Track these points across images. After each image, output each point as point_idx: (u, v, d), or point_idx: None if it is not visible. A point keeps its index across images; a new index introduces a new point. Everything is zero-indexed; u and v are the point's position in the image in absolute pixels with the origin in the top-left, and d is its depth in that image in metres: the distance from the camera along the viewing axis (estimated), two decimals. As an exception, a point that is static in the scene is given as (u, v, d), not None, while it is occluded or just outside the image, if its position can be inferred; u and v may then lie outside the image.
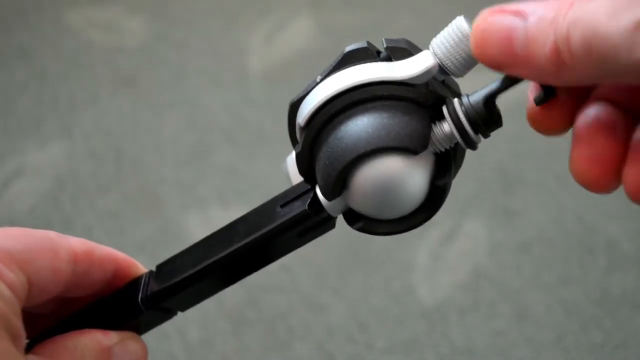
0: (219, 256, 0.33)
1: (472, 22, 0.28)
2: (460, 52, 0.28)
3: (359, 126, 0.29)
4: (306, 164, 0.31)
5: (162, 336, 0.74)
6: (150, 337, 0.36)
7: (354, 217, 0.31)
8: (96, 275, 0.34)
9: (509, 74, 0.27)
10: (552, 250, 0.80)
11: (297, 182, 0.33)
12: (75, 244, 0.33)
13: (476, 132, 0.29)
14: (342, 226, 0.33)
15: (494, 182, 0.86)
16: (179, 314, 0.36)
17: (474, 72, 0.29)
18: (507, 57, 0.26)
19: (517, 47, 0.25)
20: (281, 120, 0.32)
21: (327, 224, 0.32)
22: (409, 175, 0.29)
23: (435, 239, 0.81)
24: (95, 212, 0.85)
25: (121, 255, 0.35)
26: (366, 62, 0.29)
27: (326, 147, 0.29)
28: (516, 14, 0.25)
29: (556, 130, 0.29)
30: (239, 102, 0.96)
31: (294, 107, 0.31)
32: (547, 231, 0.81)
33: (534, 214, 0.83)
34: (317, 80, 0.30)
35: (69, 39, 1.03)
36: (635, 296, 0.76)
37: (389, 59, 0.29)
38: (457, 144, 0.29)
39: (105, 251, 0.34)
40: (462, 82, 0.31)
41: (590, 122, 0.28)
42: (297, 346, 0.74)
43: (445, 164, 0.30)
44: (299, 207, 0.32)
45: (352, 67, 0.29)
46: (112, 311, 0.35)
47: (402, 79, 0.29)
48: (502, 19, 0.26)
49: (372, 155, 0.28)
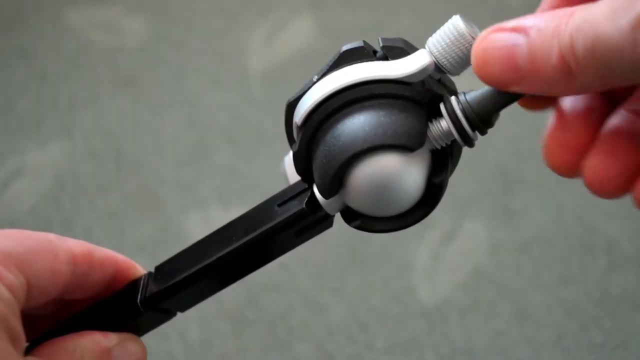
0: (217, 256, 0.33)
1: (469, 21, 0.28)
2: (456, 50, 0.28)
3: (356, 124, 0.29)
4: (303, 163, 0.31)
5: (162, 336, 0.74)
6: (150, 338, 0.36)
7: (351, 215, 0.31)
8: (95, 277, 0.34)
9: (515, 91, 0.26)
10: (552, 250, 0.80)
11: (295, 181, 0.33)
12: (74, 246, 0.33)
13: (473, 129, 0.29)
14: (341, 226, 0.33)
15: (493, 182, 0.86)
16: (179, 315, 0.36)
17: (471, 71, 0.29)
18: (511, 74, 0.25)
19: (521, 63, 0.25)
20: (281, 120, 0.32)
21: (325, 222, 0.32)
22: (405, 172, 0.29)
23: (435, 239, 0.81)
24: (95, 212, 0.85)
25: (120, 257, 0.35)
26: (362, 61, 0.29)
27: (323, 146, 0.29)
28: (515, 30, 0.25)
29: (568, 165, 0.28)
30: (239, 102, 0.96)
31: (291, 106, 0.31)
32: (547, 231, 0.81)
33: (534, 214, 0.83)
34: (314, 79, 0.30)
35: (69, 39, 1.03)
36: (635, 296, 0.76)
37: (385, 58, 0.29)
38: (453, 141, 0.29)
39: (104, 253, 0.34)
40: (458, 80, 0.31)
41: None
42: (297, 346, 0.74)
43: (441, 162, 0.30)
44: (296, 205, 0.32)
45: (349, 66, 0.29)
46: (112, 313, 0.35)
47: (398, 78, 0.29)
48: (501, 37, 0.25)
49: (368, 153, 0.29)
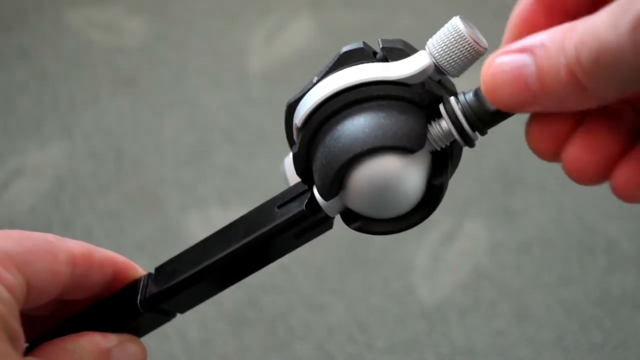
0: (216, 257, 0.33)
1: (469, 23, 0.28)
2: (456, 52, 0.28)
3: (356, 126, 0.29)
4: (303, 165, 0.31)
5: (162, 337, 0.74)
6: (150, 338, 0.36)
7: (351, 217, 0.31)
8: (95, 277, 0.34)
9: (530, 112, 0.26)
10: (552, 250, 0.80)
11: (295, 183, 0.33)
12: (74, 246, 0.33)
13: (473, 129, 0.29)
14: (341, 227, 0.33)
15: (494, 182, 0.86)
16: (179, 315, 0.36)
17: (471, 72, 0.29)
18: (523, 96, 0.25)
19: (531, 83, 0.25)
20: (281, 120, 0.32)
21: (325, 224, 0.32)
22: (405, 174, 0.29)
23: (435, 239, 0.81)
24: (95, 212, 0.85)
25: (120, 258, 0.35)
26: (362, 63, 0.29)
27: (323, 147, 0.29)
28: (522, 51, 0.25)
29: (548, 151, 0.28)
30: (239, 102, 0.96)
31: (291, 107, 0.31)
32: (547, 231, 0.81)
33: (534, 214, 0.83)
34: (314, 81, 0.30)
35: (69, 39, 1.03)
36: (635, 296, 0.76)
37: (385, 60, 0.29)
38: (453, 143, 0.29)
39: (104, 254, 0.34)
40: (458, 82, 0.31)
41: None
42: (297, 346, 0.74)
43: (442, 163, 0.30)
44: (296, 207, 0.32)
45: (349, 68, 0.29)
46: (111, 314, 0.35)
47: (398, 79, 0.29)
48: (508, 60, 0.25)
49: (368, 154, 0.28)
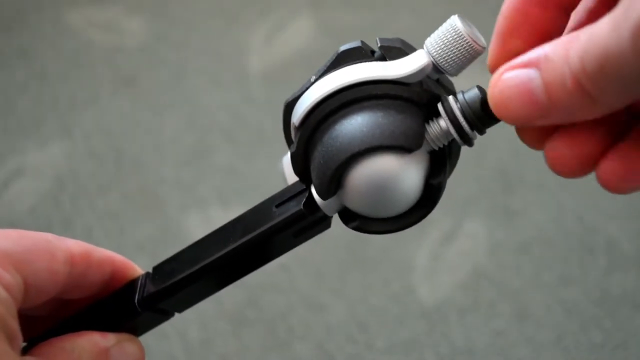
0: (214, 257, 0.33)
1: (468, 22, 0.28)
2: (454, 51, 0.28)
3: (354, 125, 0.29)
4: (301, 164, 0.31)
5: (161, 336, 0.74)
6: (149, 338, 0.36)
7: (349, 216, 0.31)
8: (93, 277, 0.34)
9: (539, 125, 0.26)
10: (552, 250, 0.80)
11: (293, 182, 0.33)
12: (72, 246, 0.33)
13: (472, 128, 0.28)
14: (340, 226, 0.33)
15: (493, 182, 0.86)
16: (178, 315, 0.36)
17: (469, 71, 0.29)
18: (532, 110, 0.25)
19: (539, 97, 0.25)
20: (281, 120, 0.32)
21: (323, 223, 0.32)
22: (403, 173, 0.29)
23: (435, 239, 0.81)
24: (95, 212, 0.85)
25: (118, 257, 0.35)
26: (360, 62, 0.29)
27: (321, 147, 0.29)
28: (527, 65, 0.25)
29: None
30: (239, 102, 0.96)
31: (289, 107, 0.31)
32: (547, 231, 0.81)
33: (534, 214, 0.83)
34: (312, 80, 0.30)
35: (69, 39, 1.03)
36: (635, 296, 0.76)
37: (383, 59, 0.29)
38: (451, 142, 0.29)
39: (102, 253, 0.34)
40: (456, 81, 0.31)
41: None
42: (297, 346, 0.74)
43: (440, 163, 0.30)
44: (294, 206, 0.32)
45: (347, 67, 0.29)
46: (109, 313, 0.35)
47: (396, 78, 0.29)
48: (514, 75, 0.25)
49: (366, 154, 0.28)
